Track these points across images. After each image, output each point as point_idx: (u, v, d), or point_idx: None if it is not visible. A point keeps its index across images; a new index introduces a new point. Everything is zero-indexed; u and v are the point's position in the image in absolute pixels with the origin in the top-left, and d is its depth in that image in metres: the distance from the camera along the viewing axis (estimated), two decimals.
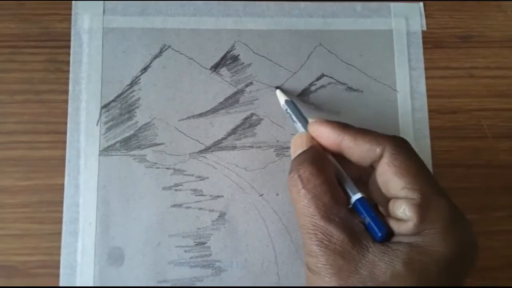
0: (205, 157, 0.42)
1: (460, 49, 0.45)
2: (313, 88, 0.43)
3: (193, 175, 0.41)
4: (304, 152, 0.32)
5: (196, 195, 0.41)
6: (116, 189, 0.41)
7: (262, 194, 0.41)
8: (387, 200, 0.30)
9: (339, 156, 0.33)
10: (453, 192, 0.41)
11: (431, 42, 0.45)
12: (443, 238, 0.27)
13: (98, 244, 0.40)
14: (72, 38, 0.43)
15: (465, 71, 0.45)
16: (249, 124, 0.42)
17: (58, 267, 0.39)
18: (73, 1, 0.44)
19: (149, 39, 0.43)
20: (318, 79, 0.44)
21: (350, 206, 0.31)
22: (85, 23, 0.43)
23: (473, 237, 0.29)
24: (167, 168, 0.41)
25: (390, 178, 0.29)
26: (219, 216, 0.41)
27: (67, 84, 0.42)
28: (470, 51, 0.46)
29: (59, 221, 0.40)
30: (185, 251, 0.40)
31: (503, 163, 0.44)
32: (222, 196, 0.41)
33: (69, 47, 0.43)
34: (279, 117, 0.43)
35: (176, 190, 0.41)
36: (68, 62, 0.43)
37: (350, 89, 0.44)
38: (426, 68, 0.45)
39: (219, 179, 0.41)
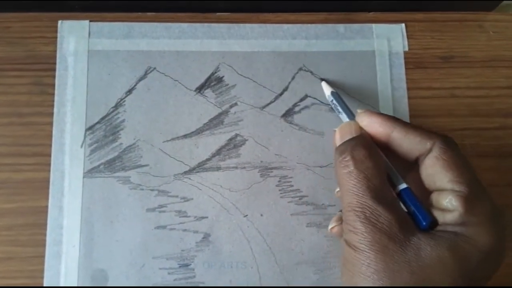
0: (189, 178, 0.42)
1: (442, 69, 0.46)
2: (297, 108, 0.44)
3: (177, 196, 0.41)
4: (355, 137, 0.33)
5: (180, 217, 0.41)
6: (100, 211, 0.41)
7: (247, 215, 0.41)
8: (425, 196, 0.31)
9: (382, 150, 0.33)
10: None
11: (413, 62, 0.46)
12: (486, 231, 0.28)
13: (81, 267, 0.40)
14: (58, 60, 0.43)
15: (447, 91, 0.46)
16: (233, 145, 0.43)
17: (42, 286, 0.39)
18: (58, 24, 0.44)
19: (134, 61, 0.44)
20: (301, 100, 0.44)
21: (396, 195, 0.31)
22: (71, 46, 0.44)
23: (506, 236, 0.30)
24: (151, 190, 0.41)
25: (437, 171, 0.30)
26: (203, 238, 0.41)
27: (52, 106, 0.42)
28: (452, 71, 0.46)
29: (43, 244, 0.40)
30: (169, 273, 0.40)
31: (487, 181, 0.43)
32: (207, 217, 0.41)
33: (54, 69, 0.43)
34: (264, 137, 0.43)
35: (160, 211, 0.41)
36: (53, 85, 0.43)
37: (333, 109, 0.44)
38: (408, 88, 0.45)
39: (203, 200, 0.41)
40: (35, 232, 0.40)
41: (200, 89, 0.44)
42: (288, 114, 0.44)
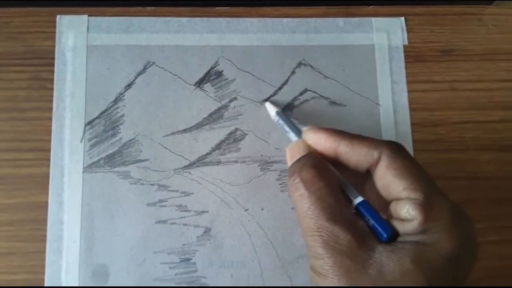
0: (189, 173, 0.42)
1: (441, 63, 0.46)
2: (296, 102, 0.44)
3: (177, 191, 0.41)
4: (303, 157, 0.33)
5: (181, 211, 0.41)
6: (100, 206, 0.40)
7: (247, 209, 0.41)
8: (385, 204, 0.31)
9: (334, 164, 0.33)
10: None
11: (413, 56, 0.46)
12: (448, 235, 0.27)
13: (82, 262, 0.39)
14: (56, 55, 0.43)
15: (447, 85, 0.46)
16: (233, 139, 0.43)
17: (42, 286, 0.39)
18: (57, 19, 0.44)
19: (133, 56, 0.44)
20: (301, 93, 0.44)
21: (353, 210, 0.31)
22: (69, 41, 0.44)
23: (475, 234, 0.29)
24: (152, 184, 0.41)
25: (390, 181, 0.30)
26: (204, 232, 0.41)
27: (51, 101, 0.42)
28: (451, 64, 0.46)
29: (43, 239, 0.40)
30: (170, 268, 0.40)
31: (486, 175, 0.44)
32: (207, 212, 0.41)
33: (53, 64, 0.43)
34: (264, 131, 0.43)
35: (160, 206, 0.41)
36: (52, 80, 0.43)
37: (333, 103, 0.44)
38: (408, 82, 0.45)
39: (204, 195, 0.41)
40: (35, 227, 0.40)
41: (199, 83, 0.44)
42: (287, 108, 0.44)
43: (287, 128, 0.38)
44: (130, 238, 0.40)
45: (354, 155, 0.31)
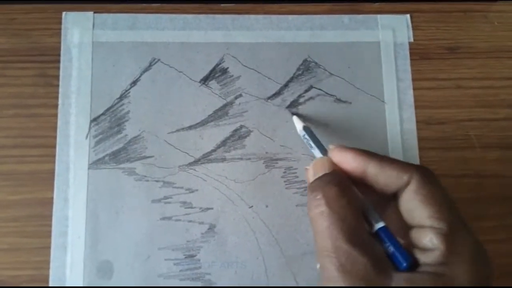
0: (194, 170, 0.42)
1: (447, 60, 0.46)
2: (301, 100, 0.44)
3: (182, 187, 0.41)
4: (328, 174, 0.32)
5: (185, 208, 0.41)
6: (105, 202, 0.41)
7: (252, 206, 0.41)
8: (406, 229, 0.30)
9: (357, 185, 0.32)
10: None
11: (418, 53, 0.46)
12: (469, 269, 0.27)
13: (87, 258, 0.40)
14: (62, 52, 0.43)
15: (452, 82, 0.45)
16: (238, 136, 0.43)
17: (47, 281, 0.39)
18: (63, 16, 0.44)
19: (138, 53, 0.44)
20: (306, 91, 0.44)
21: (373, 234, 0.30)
22: (75, 38, 0.44)
23: (492, 270, 0.29)
24: (157, 181, 0.41)
25: (416, 206, 0.29)
26: (208, 229, 0.41)
27: (56, 98, 0.42)
28: (457, 62, 0.46)
29: (48, 235, 0.40)
30: (175, 264, 0.40)
31: (492, 173, 0.44)
32: (212, 209, 0.41)
33: (59, 61, 0.43)
34: (269, 129, 0.43)
35: (165, 203, 0.41)
36: (57, 77, 0.43)
37: (339, 100, 0.44)
38: (413, 79, 0.45)
39: (208, 192, 0.41)
40: (40, 223, 0.40)
41: (204, 80, 0.44)
42: (293, 105, 0.44)
43: (312, 144, 0.38)
44: (134, 234, 0.40)
45: (384, 176, 0.30)
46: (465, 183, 0.43)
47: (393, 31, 0.46)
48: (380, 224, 0.29)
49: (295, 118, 0.42)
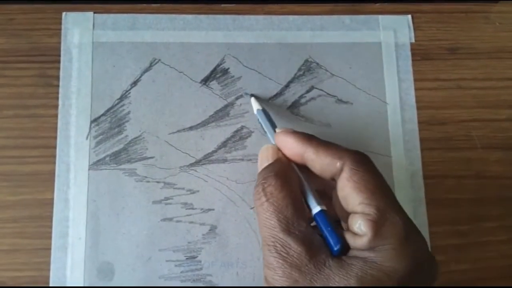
0: (195, 171, 0.42)
1: (448, 61, 0.46)
2: (303, 100, 0.44)
3: (183, 188, 0.41)
4: (269, 165, 0.32)
5: (186, 209, 0.41)
6: (106, 203, 0.40)
7: (253, 207, 0.41)
8: (347, 214, 0.30)
9: (306, 167, 0.33)
10: (444, 203, 0.42)
11: (420, 54, 0.46)
12: (396, 254, 0.27)
13: (87, 259, 0.39)
14: (62, 52, 0.43)
15: (454, 83, 0.45)
16: (239, 137, 0.42)
17: (47, 283, 0.39)
18: (63, 16, 0.44)
19: (138, 53, 0.43)
20: (308, 91, 0.44)
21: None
22: (75, 38, 0.43)
23: (429, 254, 0.29)
24: (157, 182, 0.41)
25: (349, 193, 0.29)
26: (210, 230, 0.41)
27: (56, 98, 0.42)
28: (458, 62, 0.46)
29: (49, 236, 0.40)
30: (176, 266, 0.40)
31: (494, 173, 0.44)
32: (213, 210, 0.41)
33: (59, 61, 0.43)
34: None
35: (166, 204, 0.41)
36: (58, 77, 0.43)
37: (340, 101, 0.44)
38: (415, 80, 0.45)
39: (209, 192, 0.41)
40: (41, 224, 0.40)
41: (205, 81, 0.43)
42: (294, 105, 0.43)
43: (264, 129, 0.38)
44: (135, 235, 0.40)
45: (318, 163, 0.31)
46: (466, 183, 0.43)
47: (394, 31, 0.46)
48: (316, 209, 0.30)
49: (252, 99, 0.42)
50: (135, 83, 0.43)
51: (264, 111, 0.40)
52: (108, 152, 0.41)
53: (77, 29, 0.44)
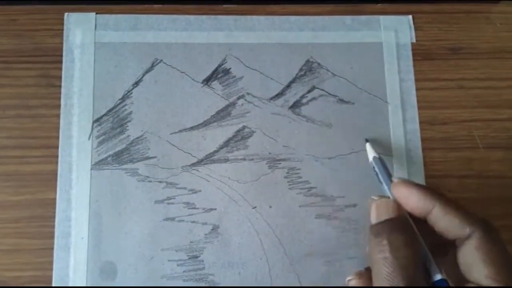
0: (197, 170, 0.42)
1: (449, 61, 0.46)
2: (304, 100, 0.44)
3: (185, 188, 0.41)
4: (395, 219, 0.31)
5: (188, 208, 0.41)
6: (108, 203, 0.40)
7: (255, 207, 0.41)
8: (463, 279, 0.29)
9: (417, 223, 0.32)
10: None
11: (421, 54, 0.46)
12: None
13: (90, 259, 0.39)
14: (64, 53, 0.43)
15: (455, 83, 0.45)
16: (241, 136, 0.43)
17: (50, 283, 0.39)
18: (65, 17, 0.44)
19: (140, 54, 0.44)
20: (309, 91, 0.44)
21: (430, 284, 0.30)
22: (77, 38, 0.44)
23: None
24: (160, 182, 0.41)
25: (475, 262, 0.28)
26: (212, 229, 0.41)
27: (59, 98, 0.42)
28: (460, 62, 0.46)
29: (51, 236, 0.40)
30: (178, 265, 0.40)
31: (495, 173, 0.44)
32: (215, 209, 0.41)
33: (61, 62, 0.43)
34: (271, 129, 0.43)
35: (168, 203, 0.41)
36: (60, 77, 0.43)
37: (341, 101, 0.44)
38: (416, 80, 0.45)
39: (211, 192, 0.41)
40: (43, 224, 0.40)
41: (207, 81, 0.44)
42: (295, 105, 0.44)
43: (381, 179, 0.37)
44: (138, 235, 0.40)
45: (445, 222, 0.30)
46: (468, 183, 0.43)
47: (395, 32, 0.46)
48: (438, 277, 0.30)
49: (368, 145, 0.41)
50: (137, 83, 0.43)
51: (380, 159, 0.39)
52: (110, 152, 0.41)
53: (79, 30, 0.44)
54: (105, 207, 0.40)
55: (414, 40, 0.46)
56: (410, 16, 0.47)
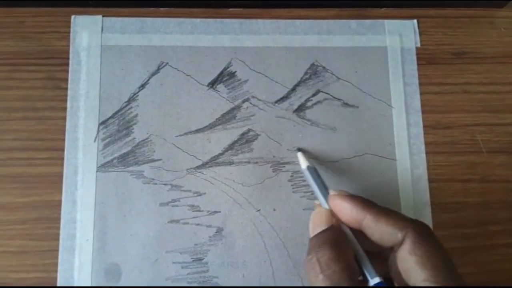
0: (202, 173, 0.42)
1: (453, 65, 0.46)
2: (309, 104, 0.44)
3: (190, 190, 0.41)
4: (323, 232, 0.32)
5: (193, 211, 0.41)
6: (113, 205, 0.41)
7: (259, 210, 0.41)
8: (405, 283, 0.29)
9: (359, 230, 0.32)
10: (449, 206, 0.42)
11: (425, 58, 0.46)
12: None
13: (95, 261, 0.40)
14: (71, 55, 0.44)
15: (459, 87, 0.46)
16: (246, 139, 0.43)
17: (55, 284, 0.39)
18: (72, 19, 0.44)
19: (147, 56, 0.44)
20: (314, 95, 0.44)
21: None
22: (84, 41, 0.44)
23: None
24: (165, 184, 0.41)
25: (411, 267, 0.28)
26: (216, 232, 0.41)
27: (65, 101, 0.42)
28: (464, 67, 0.46)
29: (56, 238, 0.40)
30: (182, 267, 0.40)
31: (499, 177, 0.44)
32: (219, 212, 0.41)
33: (67, 64, 0.43)
34: (276, 132, 0.43)
35: (173, 206, 0.41)
36: (66, 80, 0.43)
37: (346, 104, 0.44)
38: (420, 84, 0.45)
39: (216, 195, 0.42)
40: (48, 226, 0.40)
41: (212, 84, 0.44)
42: (300, 109, 0.44)
43: (315, 188, 0.37)
44: (142, 237, 0.40)
45: (378, 231, 0.30)
46: (472, 187, 0.43)
47: (400, 36, 0.46)
48: (375, 280, 0.30)
49: (299, 154, 0.41)
50: (143, 86, 0.43)
51: (313, 169, 0.39)
52: (115, 154, 0.42)
53: (86, 32, 0.44)
54: (110, 209, 0.41)
55: (418, 45, 0.46)
56: (415, 21, 0.47)
